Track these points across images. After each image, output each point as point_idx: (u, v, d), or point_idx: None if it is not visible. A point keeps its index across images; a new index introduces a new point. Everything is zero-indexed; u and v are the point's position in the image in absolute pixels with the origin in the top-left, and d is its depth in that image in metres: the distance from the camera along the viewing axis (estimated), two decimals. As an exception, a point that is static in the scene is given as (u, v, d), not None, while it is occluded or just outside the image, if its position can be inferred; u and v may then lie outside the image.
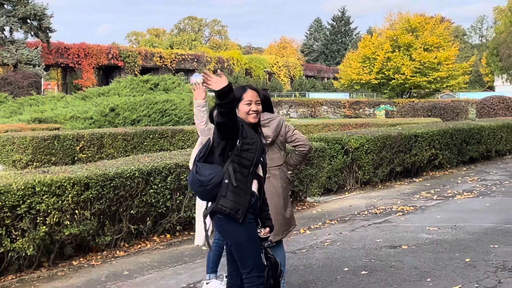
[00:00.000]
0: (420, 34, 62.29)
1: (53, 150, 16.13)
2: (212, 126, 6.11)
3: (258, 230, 4.85)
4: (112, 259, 8.13)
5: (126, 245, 8.60)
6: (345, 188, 13.69)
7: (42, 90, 53.93)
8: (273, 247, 5.78)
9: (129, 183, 8.27)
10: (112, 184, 8.04)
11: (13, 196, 7.05)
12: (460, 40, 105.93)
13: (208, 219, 6.19)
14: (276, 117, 6.06)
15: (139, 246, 8.65)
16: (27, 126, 21.80)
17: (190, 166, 6.52)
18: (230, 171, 4.61)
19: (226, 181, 4.60)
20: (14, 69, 52.24)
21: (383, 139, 14.29)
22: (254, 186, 4.78)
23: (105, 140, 16.57)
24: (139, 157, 9.72)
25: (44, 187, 7.32)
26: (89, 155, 16.04)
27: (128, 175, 8.27)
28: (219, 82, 4.34)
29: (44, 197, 7.30)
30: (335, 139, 13.42)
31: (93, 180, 7.83)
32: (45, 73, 60.16)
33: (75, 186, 7.64)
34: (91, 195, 7.79)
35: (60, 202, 7.46)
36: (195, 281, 7.01)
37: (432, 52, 61.10)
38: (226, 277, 5.95)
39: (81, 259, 8.08)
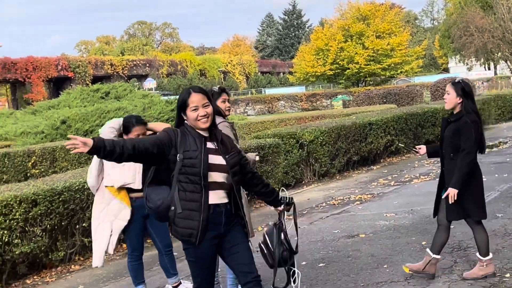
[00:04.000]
0: (371, 22, 62.74)
1: (4, 168, 15.73)
2: None
3: None
4: (67, 274, 7.98)
5: (81, 259, 8.45)
6: (303, 182, 13.66)
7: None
8: None
9: (78, 196, 8.11)
10: (61, 199, 7.87)
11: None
12: (412, 25, 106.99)
13: (106, 238, 5.98)
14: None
15: (94, 258, 8.47)
16: (-23, 146, 21.26)
17: (88, 182, 6.31)
18: (175, 196, 4.26)
19: (172, 208, 4.26)
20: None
21: (337, 130, 14.29)
22: (215, 198, 4.33)
23: (58, 153, 16.24)
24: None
25: (-11, 207, 7.12)
26: (42, 170, 15.69)
27: (77, 187, 8.11)
28: (82, 148, 3.95)
29: (-10, 218, 7.11)
30: (289, 133, 13.37)
31: (40, 196, 7.66)
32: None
33: (22, 203, 7.47)
34: (39, 211, 7.63)
35: (7, 221, 7.30)
36: (153, 289, 6.91)
37: (385, 39, 61.60)
38: None
39: (35, 277, 7.91)
